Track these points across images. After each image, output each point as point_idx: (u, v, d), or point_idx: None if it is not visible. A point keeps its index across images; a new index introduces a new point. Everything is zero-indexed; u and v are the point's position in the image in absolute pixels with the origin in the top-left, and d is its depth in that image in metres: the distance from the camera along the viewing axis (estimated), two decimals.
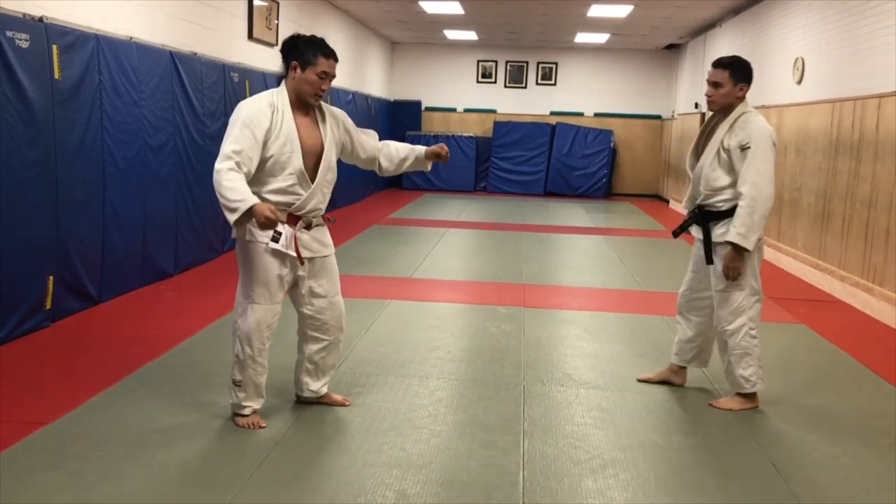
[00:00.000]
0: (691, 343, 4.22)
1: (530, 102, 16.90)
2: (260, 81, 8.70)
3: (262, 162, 3.45)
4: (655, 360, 4.87)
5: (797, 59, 8.61)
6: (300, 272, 3.63)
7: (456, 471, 3.23)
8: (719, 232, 3.92)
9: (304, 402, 3.87)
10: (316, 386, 3.82)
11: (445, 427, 3.68)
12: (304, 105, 3.58)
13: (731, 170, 3.86)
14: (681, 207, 15.09)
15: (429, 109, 17.16)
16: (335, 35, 12.39)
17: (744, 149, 3.80)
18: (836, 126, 7.40)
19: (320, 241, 3.67)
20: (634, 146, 16.81)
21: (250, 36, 8.71)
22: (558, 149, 16.25)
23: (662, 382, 4.35)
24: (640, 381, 4.38)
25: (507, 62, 16.94)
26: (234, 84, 7.95)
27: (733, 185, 3.86)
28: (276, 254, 3.51)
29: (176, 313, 5.61)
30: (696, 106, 13.46)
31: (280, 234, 3.48)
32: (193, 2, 7.31)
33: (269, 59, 9.36)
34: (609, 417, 3.90)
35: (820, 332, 5.74)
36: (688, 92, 14.49)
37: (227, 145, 3.37)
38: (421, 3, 11.76)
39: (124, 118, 5.91)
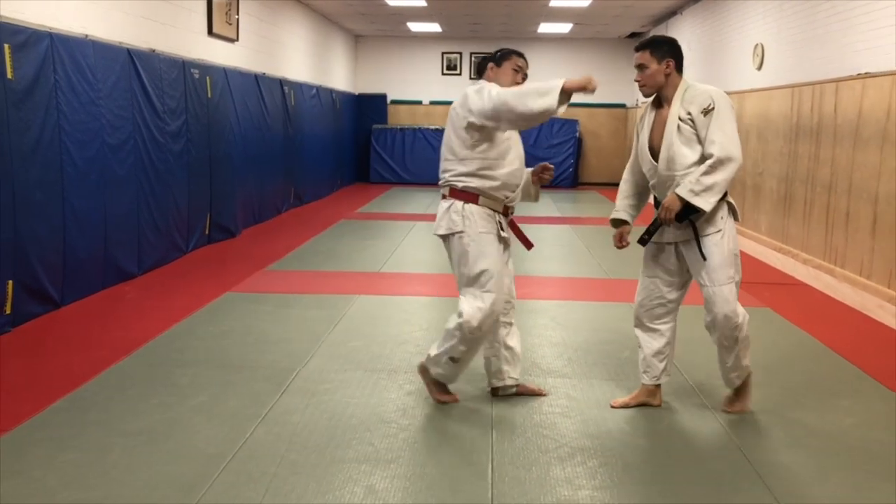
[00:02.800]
0: (661, 355, 3.85)
1: None
2: (221, 77, 8.61)
3: (497, 147, 3.72)
4: (622, 346, 4.90)
5: (757, 45, 8.70)
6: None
7: (424, 464, 3.22)
8: (708, 223, 3.62)
9: (496, 395, 3.96)
10: (516, 373, 3.95)
11: (414, 421, 3.68)
12: None
13: (697, 140, 3.57)
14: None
15: (395, 102, 17.11)
16: (297, 29, 12.30)
17: (707, 112, 3.54)
18: (796, 111, 7.49)
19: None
20: (599, 135, 16.90)
21: (210, 32, 8.61)
22: (524, 140, 16.17)
23: (640, 405, 3.90)
24: (614, 407, 3.88)
25: (471, 54, 16.92)
26: (194, 81, 7.86)
27: (702, 157, 3.56)
28: (501, 241, 3.77)
29: (140, 314, 5.55)
30: None
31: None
32: None
33: (231, 55, 9.27)
34: (576, 406, 3.92)
35: (784, 314, 5.81)
36: None
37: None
38: None
39: (82, 117, 5.82)
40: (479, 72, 3.99)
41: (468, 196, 3.71)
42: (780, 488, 3.07)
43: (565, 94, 3.47)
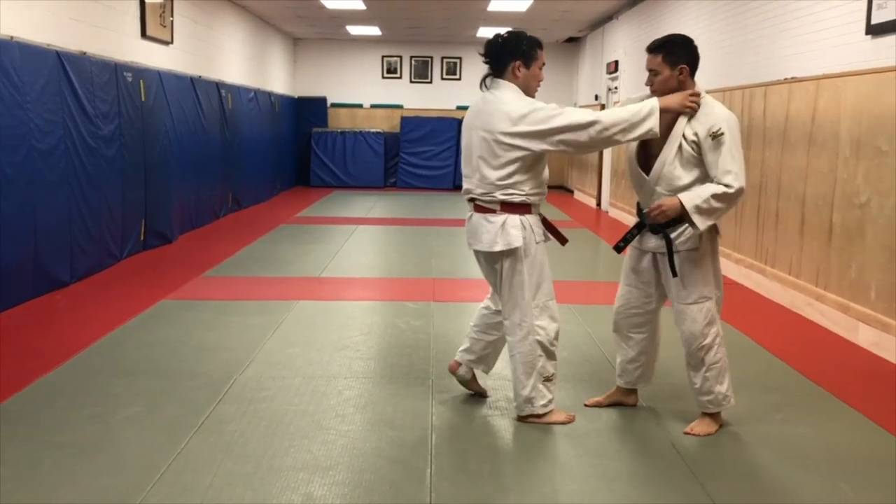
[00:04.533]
0: (635, 363, 3.82)
1: (436, 97, 16.95)
2: (155, 80, 8.45)
3: (539, 156, 3.56)
4: (560, 347, 4.93)
5: None
6: None
7: (363, 470, 3.21)
8: (682, 239, 3.49)
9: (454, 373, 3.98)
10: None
11: (353, 427, 3.66)
12: None
13: (696, 164, 3.42)
14: (583, 197, 15.19)
15: (335, 105, 17.02)
16: (234, 32, 12.15)
17: (715, 136, 3.36)
18: None
19: None
20: None
21: (144, 34, 8.45)
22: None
23: (613, 405, 3.93)
24: (588, 406, 3.90)
25: (411, 57, 16.94)
26: (127, 84, 7.70)
27: (696, 181, 3.43)
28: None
29: (72, 324, 5.41)
30: (597, 98, 13.76)
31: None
32: (82, 0, 7.04)
33: (165, 58, 9.11)
34: (515, 406, 3.94)
35: None
36: (588, 84, 14.80)
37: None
38: None
39: (8, 122, 5.65)
40: (494, 61, 3.59)
41: (524, 208, 3.57)
42: (713, 485, 3.14)
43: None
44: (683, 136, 3.44)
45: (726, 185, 3.35)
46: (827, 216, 5.72)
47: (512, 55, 3.56)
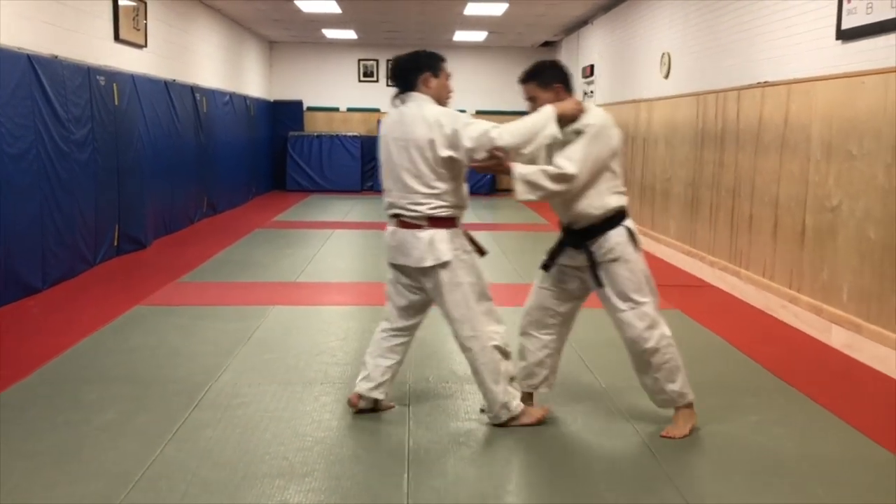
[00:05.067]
0: (542, 366, 3.79)
1: None
2: (129, 84, 8.38)
3: (461, 169, 3.56)
4: None
5: (664, 54, 8.97)
6: None
7: (340, 476, 3.20)
8: (604, 251, 3.52)
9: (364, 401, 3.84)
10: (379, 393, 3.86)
11: (329, 433, 3.65)
12: None
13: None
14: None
15: (311, 109, 16.96)
16: (208, 35, 12.07)
17: (579, 132, 3.44)
18: (701, 118, 7.75)
19: None
20: None
21: (117, 37, 8.37)
22: None
23: None
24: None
25: (388, 61, 16.78)
26: (100, 87, 7.63)
27: (591, 185, 3.47)
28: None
29: (45, 330, 5.34)
30: None
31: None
32: (53, 3, 6.97)
33: (139, 61, 9.03)
34: (491, 416, 3.94)
35: (692, 315, 5.99)
36: None
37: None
38: (297, 2, 11.60)
39: None
40: (401, 78, 3.62)
41: (450, 222, 3.58)
42: (689, 488, 3.16)
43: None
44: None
45: (560, 167, 3.40)
46: (800, 219, 5.78)
47: (419, 69, 3.59)
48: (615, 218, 3.54)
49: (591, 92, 12.64)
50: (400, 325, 3.81)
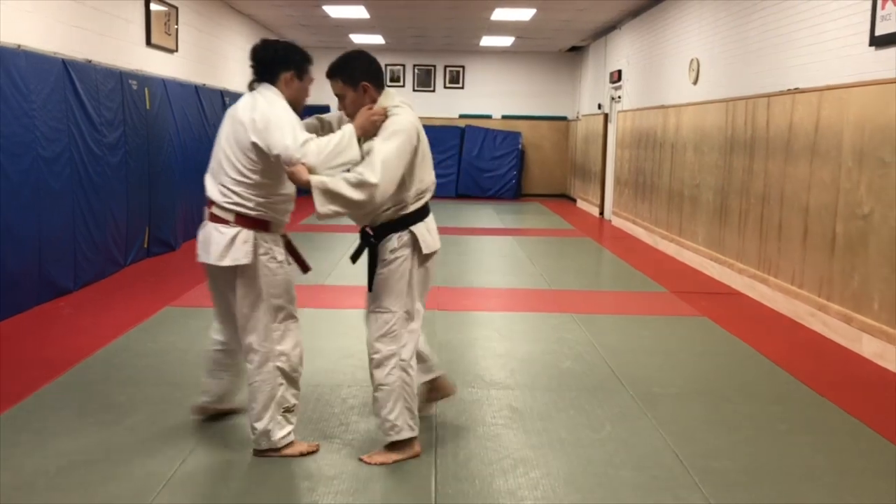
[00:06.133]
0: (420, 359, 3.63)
1: (439, 105, 17.00)
2: (160, 88, 8.48)
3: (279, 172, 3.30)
4: (563, 356, 4.97)
5: (692, 59, 8.92)
6: None
7: (367, 479, 3.22)
8: (389, 248, 3.37)
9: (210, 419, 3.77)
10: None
11: (357, 436, 3.66)
12: None
13: None
14: (586, 206, 15.12)
15: None
16: (237, 40, 12.19)
17: (378, 134, 3.28)
18: (731, 124, 7.69)
19: None
20: (542, 147, 17.10)
21: (148, 42, 8.48)
22: (468, 151, 16.40)
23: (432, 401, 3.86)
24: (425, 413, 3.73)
25: (414, 66, 16.98)
26: (132, 91, 7.73)
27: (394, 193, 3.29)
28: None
29: (76, 331, 5.42)
30: (600, 107, 13.79)
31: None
32: (87, 8, 7.08)
33: (170, 66, 9.14)
34: (519, 417, 3.95)
35: (720, 322, 5.95)
36: (591, 93, 14.83)
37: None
38: (325, 8, 11.67)
39: (14, 129, 5.67)
40: (265, 68, 3.37)
41: (258, 223, 3.32)
42: (717, 495, 3.14)
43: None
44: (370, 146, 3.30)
45: (360, 174, 3.17)
46: (830, 226, 5.72)
47: (285, 65, 3.38)
48: (400, 222, 3.37)
49: (619, 97, 12.60)
50: (224, 338, 3.59)
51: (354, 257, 3.57)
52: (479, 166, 16.40)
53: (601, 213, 13.42)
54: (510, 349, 5.17)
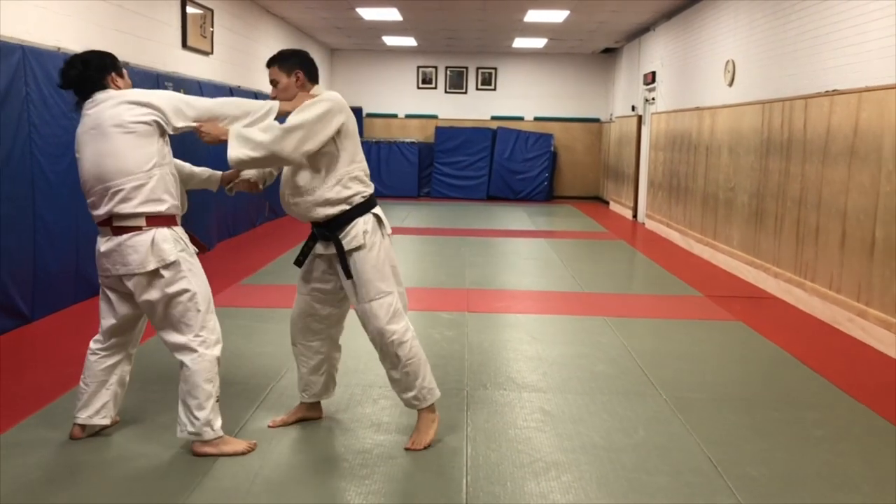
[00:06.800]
0: (317, 372, 3.74)
1: (471, 107, 16.99)
2: (195, 90, 8.57)
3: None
4: (596, 360, 4.94)
5: (728, 61, 8.82)
6: None
7: (399, 479, 3.22)
8: (348, 239, 3.45)
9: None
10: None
11: (388, 436, 3.67)
12: None
13: (313, 162, 3.42)
14: (619, 208, 15.04)
15: (370, 116, 17.12)
16: (272, 42, 12.29)
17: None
18: (767, 127, 7.60)
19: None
20: (574, 149, 17.02)
21: (185, 44, 8.58)
22: (500, 153, 16.37)
23: (298, 421, 3.79)
24: (272, 426, 3.72)
25: (446, 68, 17.00)
26: None
27: (317, 178, 3.42)
28: None
29: None
30: (633, 109, 13.69)
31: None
32: (125, 10, 7.18)
33: (205, 68, 9.24)
34: (551, 420, 3.93)
35: (755, 327, 5.88)
36: (625, 95, 14.73)
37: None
38: (358, 10, 11.73)
39: (54, 130, 5.77)
40: (85, 82, 3.36)
41: (167, 220, 3.32)
42: (753, 502, 3.10)
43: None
44: None
45: (272, 122, 3.36)
46: (869, 230, 5.62)
47: (105, 69, 3.38)
48: (362, 206, 3.49)
49: (653, 99, 12.51)
50: (105, 343, 3.55)
51: (301, 259, 3.64)
52: (510, 168, 16.37)
53: (634, 215, 13.33)
54: (542, 352, 5.15)
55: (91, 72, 3.37)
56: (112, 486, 3.10)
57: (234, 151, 3.30)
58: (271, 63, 3.57)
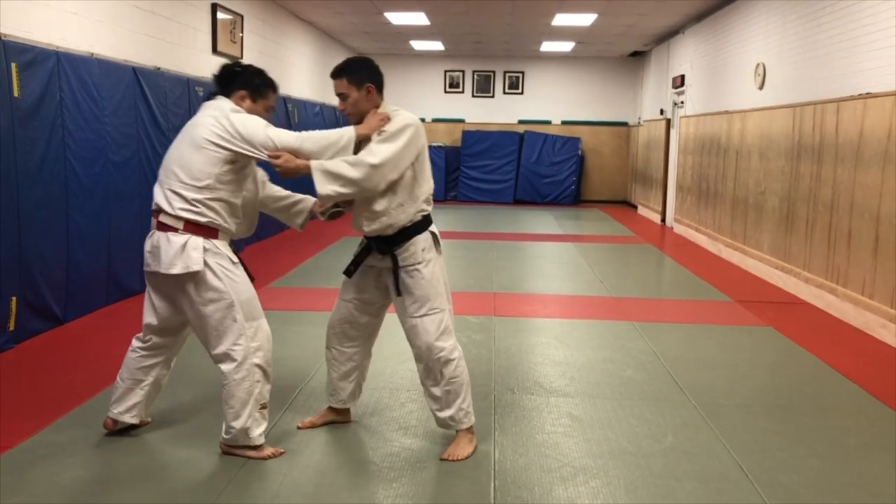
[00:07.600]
0: (347, 378, 3.73)
1: (498, 111, 16.99)
2: None
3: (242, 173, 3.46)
4: (624, 365, 4.91)
5: (758, 64, 8.74)
6: None
7: (427, 483, 3.22)
8: (405, 255, 3.44)
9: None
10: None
11: (416, 440, 3.67)
12: None
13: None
14: (647, 212, 14.95)
15: None
16: (300, 47, 12.38)
17: (381, 132, 3.37)
18: (798, 130, 7.51)
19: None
20: (602, 153, 16.95)
21: (215, 50, 8.66)
22: (527, 157, 16.34)
23: (327, 423, 3.81)
24: (301, 427, 3.76)
25: (474, 72, 17.01)
26: (198, 98, 7.89)
27: (387, 199, 3.38)
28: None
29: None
30: (662, 112, 13.61)
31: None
32: (156, 16, 7.27)
33: None
34: (579, 425, 3.91)
35: (786, 333, 5.81)
36: (653, 98, 14.65)
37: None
38: (386, 15, 11.78)
39: (87, 135, 5.86)
40: (223, 87, 3.49)
41: (209, 232, 3.34)
42: None
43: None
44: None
45: (358, 156, 3.29)
46: None
47: (240, 84, 3.48)
48: (421, 223, 3.47)
49: (682, 102, 12.42)
50: (145, 343, 3.58)
51: (351, 270, 3.61)
52: (537, 172, 16.33)
53: (663, 219, 13.24)
54: (569, 356, 5.13)
55: (229, 79, 3.49)
56: (142, 487, 3.14)
57: (323, 188, 3.27)
58: (339, 74, 3.46)
